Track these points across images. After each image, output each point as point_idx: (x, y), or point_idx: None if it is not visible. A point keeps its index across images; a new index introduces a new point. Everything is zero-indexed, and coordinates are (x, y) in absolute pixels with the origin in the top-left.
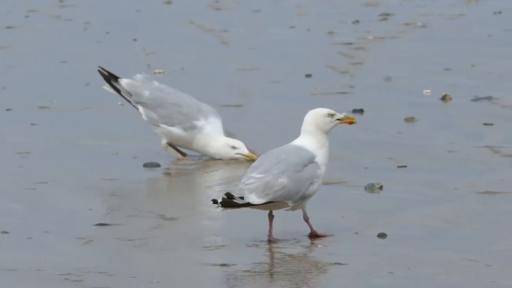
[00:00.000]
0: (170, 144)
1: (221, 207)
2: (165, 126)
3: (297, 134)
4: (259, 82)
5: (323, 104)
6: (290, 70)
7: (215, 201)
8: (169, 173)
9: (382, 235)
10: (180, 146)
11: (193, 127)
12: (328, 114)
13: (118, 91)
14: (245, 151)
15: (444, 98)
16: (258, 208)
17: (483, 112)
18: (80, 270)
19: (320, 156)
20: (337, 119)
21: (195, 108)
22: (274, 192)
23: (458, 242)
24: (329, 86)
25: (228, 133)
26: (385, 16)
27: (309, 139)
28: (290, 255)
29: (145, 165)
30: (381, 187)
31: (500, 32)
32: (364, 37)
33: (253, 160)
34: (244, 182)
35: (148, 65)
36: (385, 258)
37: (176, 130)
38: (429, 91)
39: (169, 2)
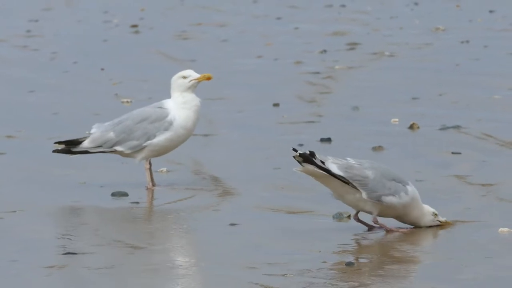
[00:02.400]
0: (149, 169)
1: (299, 156)
2: (149, 142)
3: (264, 162)
4: (226, 111)
5: (290, 132)
6: (258, 99)
7: (295, 150)
8: (137, 202)
9: (350, 264)
10: (171, 150)
11: (171, 123)
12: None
13: (86, 152)
14: (195, 75)
15: (411, 127)
16: (331, 183)
17: (450, 141)
18: None
19: (412, 188)
20: None
21: (158, 110)
22: (355, 174)
23: (425, 271)
24: (297, 115)
25: (196, 162)
26: (353, 46)
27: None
28: (259, 284)
29: (113, 194)
30: (349, 216)
31: (468, 61)
32: (331, 66)
33: (207, 78)
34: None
35: (116, 94)
36: (353, 287)
37: (161, 138)
38: (397, 120)
39: (136, 32)
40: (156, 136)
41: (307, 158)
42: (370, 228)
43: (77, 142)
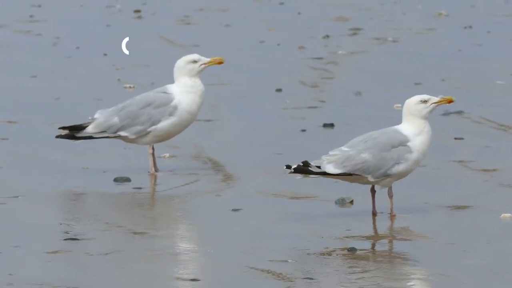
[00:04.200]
0: (152, 154)
1: (293, 172)
2: (154, 127)
3: (267, 147)
4: (229, 97)
5: (293, 118)
6: (261, 85)
7: (288, 167)
8: (140, 188)
9: (352, 249)
10: (175, 135)
11: (176, 107)
12: (421, 101)
13: (90, 137)
14: (205, 59)
15: None
16: (337, 179)
17: (453, 126)
18: (50, 284)
19: (415, 141)
20: (433, 103)
21: (162, 95)
22: (353, 165)
23: (428, 256)
24: (300, 101)
25: (198, 147)
26: (356, 31)
27: (408, 125)
28: (261, 270)
29: (116, 180)
30: (351, 202)
31: (470, 46)
32: (334, 51)
33: (218, 62)
34: (330, 153)
35: (118, 79)
36: (355, 272)
37: (166, 123)
38: (399, 105)
39: (139, 17)
40: (161, 121)
41: (303, 170)
42: (375, 212)
43: (80, 128)
